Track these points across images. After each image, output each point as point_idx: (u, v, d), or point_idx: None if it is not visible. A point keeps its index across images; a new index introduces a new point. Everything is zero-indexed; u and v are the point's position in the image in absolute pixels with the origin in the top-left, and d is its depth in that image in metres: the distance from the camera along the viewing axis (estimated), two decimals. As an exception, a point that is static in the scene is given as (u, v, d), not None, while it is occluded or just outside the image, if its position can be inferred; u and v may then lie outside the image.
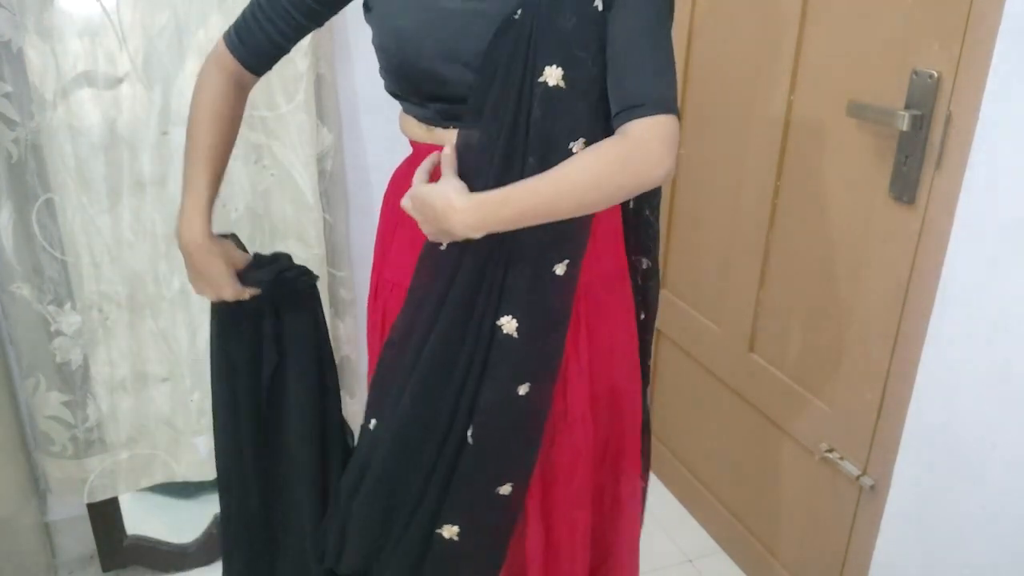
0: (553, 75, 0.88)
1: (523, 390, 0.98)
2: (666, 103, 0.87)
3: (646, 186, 0.88)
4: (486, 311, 0.95)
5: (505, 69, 0.88)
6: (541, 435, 1.03)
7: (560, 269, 0.95)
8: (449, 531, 1.03)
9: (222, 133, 1.02)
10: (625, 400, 1.15)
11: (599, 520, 1.19)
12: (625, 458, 1.18)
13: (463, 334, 0.96)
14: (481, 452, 1.00)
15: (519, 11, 0.87)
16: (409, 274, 1.00)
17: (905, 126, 1.16)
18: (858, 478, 1.37)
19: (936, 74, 1.13)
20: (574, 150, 0.90)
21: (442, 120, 0.97)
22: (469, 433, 0.99)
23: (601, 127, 0.91)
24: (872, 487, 1.35)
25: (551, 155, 0.89)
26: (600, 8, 0.88)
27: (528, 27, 0.87)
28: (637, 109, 0.87)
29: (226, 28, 1.04)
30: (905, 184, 1.20)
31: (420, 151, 1.02)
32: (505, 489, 1.02)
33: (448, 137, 0.95)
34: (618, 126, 0.88)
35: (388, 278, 1.09)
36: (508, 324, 0.95)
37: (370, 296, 1.17)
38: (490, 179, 0.89)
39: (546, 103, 0.88)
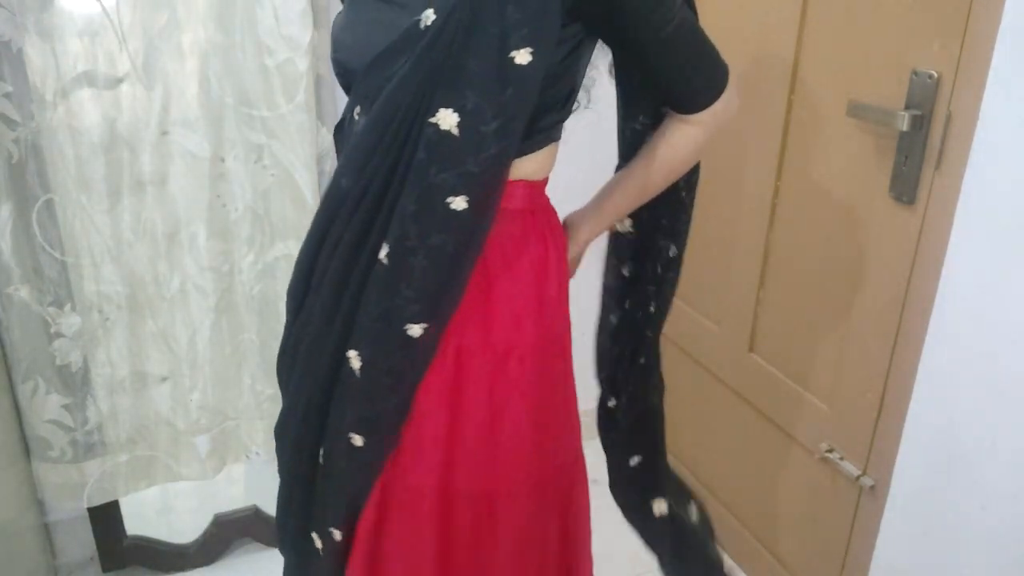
0: (446, 119, 0.81)
1: (357, 441, 0.93)
2: (721, 85, 0.96)
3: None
4: (338, 337, 0.92)
5: (398, 91, 0.84)
6: (366, 492, 0.97)
7: (415, 330, 0.89)
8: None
9: None
10: (501, 513, 0.97)
11: None
12: None
13: (320, 351, 0.94)
14: (323, 481, 1.00)
15: (426, 20, 0.82)
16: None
17: (905, 126, 1.16)
18: (858, 478, 1.37)
19: (936, 74, 1.13)
20: (452, 206, 0.84)
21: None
22: (320, 457, 0.99)
23: (492, 186, 0.86)
24: (872, 487, 1.35)
25: (426, 203, 0.84)
26: (521, 62, 0.80)
27: (433, 54, 0.81)
28: (699, 107, 0.97)
29: (225, 28, 1.05)
30: (905, 184, 1.20)
31: None
32: (336, 535, 1.00)
33: None
34: (679, 113, 0.97)
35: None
36: (354, 360, 0.91)
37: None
38: (363, 200, 0.87)
39: (431, 147, 0.83)
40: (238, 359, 1.64)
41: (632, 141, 1.07)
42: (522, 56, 0.80)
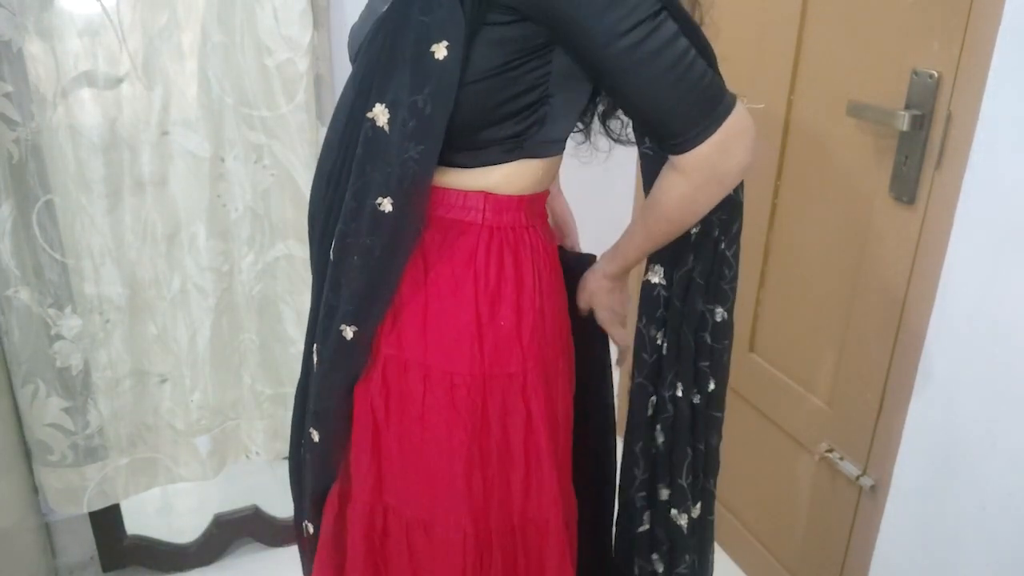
0: (380, 115, 0.79)
1: (315, 436, 0.97)
2: (705, 123, 0.79)
3: (731, 187, 0.89)
4: (312, 331, 0.97)
5: (349, 85, 0.86)
6: (325, 493, 1.00)
7: (348, 332, 0.88)
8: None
9: None
10: (438, 544, 0.93)
11: None
12: None
13: (309, 346, 0.99)
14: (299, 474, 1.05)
15: (382, 8, 0.82)
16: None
17: (905, 126, 1.16)
18: (858, 478, 1.37)
19: (936, 74, 1.13)
20: (380, 207, 0.81)
21: None
22: (314, 438, 1.00)
23: (416, 192, 0.82)
24: (872, 487, 1.35)
25: (360, 202, 0.82)
26: (439, 56, 0.76)
27: (378, 47, 0.80)
28: (676, 147, 0.81)
29: (226, 28, 1.06)
30: (905, 184, 1.20)
31: None
32: (310, 528, 1.04)
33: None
34: (663, 151, 0.84)
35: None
36: (316, 355, 0.96)
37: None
38: (326, 200, 0.90)
39: (366, 143, 0.81)
40: (238, 359, 1.64)
41: (644, 168, 0.98)
42: (440, 50, 0.76)
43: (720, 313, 0.98)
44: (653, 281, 1.00)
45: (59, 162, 1.39)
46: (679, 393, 1.00)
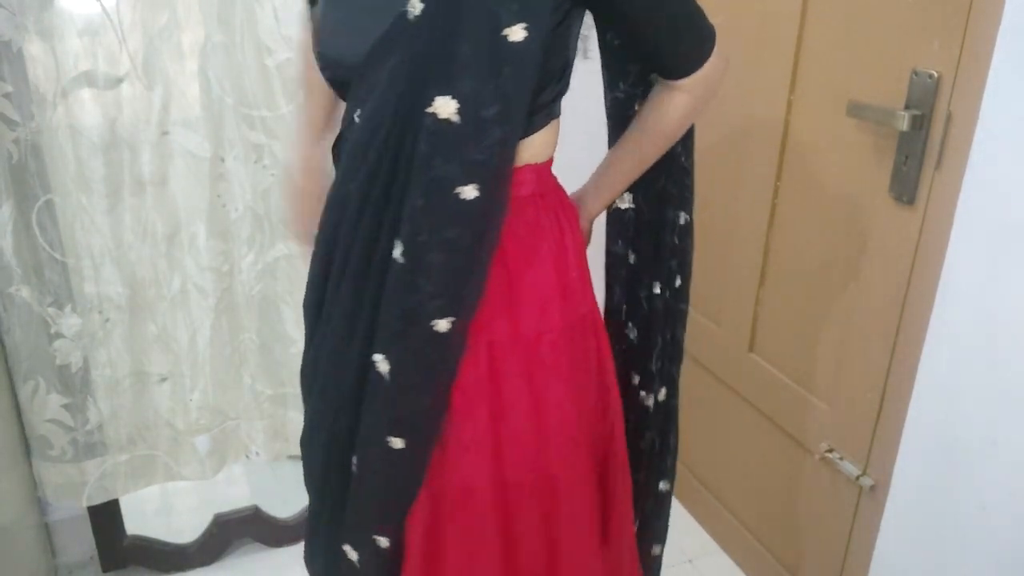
0: (444, 107, 0.79)
1: (397, 444, 0.91)
2: (707, 46, 0.92)
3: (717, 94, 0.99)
4: (362, 342, 0.90)
5: (391, 85, 0.82)
6: (412, 496, 0.95)
7: (443, 325, 0.87)
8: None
9: None
10: (562, 490, 0.98)
11: None
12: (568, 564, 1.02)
13: (343, 359, 0.93)
14: (359, 494, 0.97)
15: (413, 10, 0.80)
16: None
17: (905, 126, 1.16)
18: (858, 478, 1.37)
19: (936, 74, 1.13)
20: (461, 196, 0.82)
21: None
22: (354, 463, 0.95)
23: (501, 172, 0.85)
24: (872, 487, 1.35)
25: (435, 196, 0.82)
26: (515, 39, 0.78)
27: (422, 43, 0.80)
28: (688, 70, 0.93)
29: (226, 28, 1.05)
30: (905, 184, 1.20)
31: None
32: (383, 542, 0.98)
33: None
34: (666, 79, 0.95)
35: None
36: (381, 364, 0.89)
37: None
38: (367, 204, 0.87)
39: (434, 137, 0.80)
40: (238, 359, 1.64)
41: (614, 112, 1.06)
42: (516, 33, 0.78)
43: (684, 217, 1.10)
44: (623, 207, 1.10)
45: (59, 162, 1.39)
46: (656, 291, 1.12)
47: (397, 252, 0.85)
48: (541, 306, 0.94)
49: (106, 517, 1.69)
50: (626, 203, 1.10)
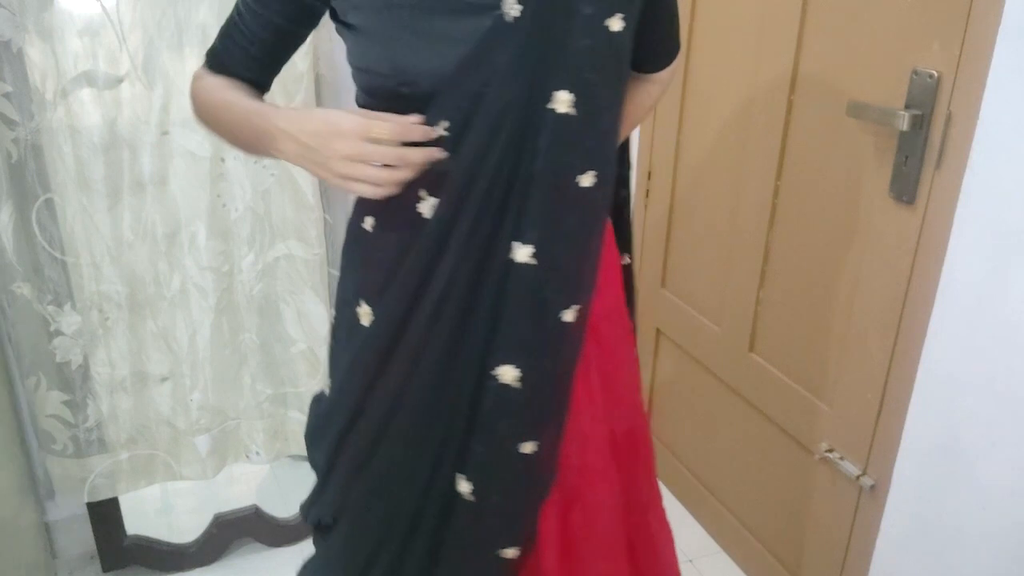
0: (564, 102, 0.82)
1: (528, 448, 0.90)
2: (678, 48, 1.05)
3: None
4: (476, 358, 0.87)
5: (504, 89, 0.81)
6: (546, 496, 0.95)
7: (569, 315, 0.89)
8: None
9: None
10: (639, 437, 1.07)
11: (636, 562, 1.09)
12: (649, 492, 1.11)
13: (447, 380, 0.88)
14: (480, 511, 0.91)
15: (511, 11, 0.80)
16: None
17: (905, 126, 1.16)
18: (858, 478, 1.36)
19: (936, 74, 1.13)
20: (581, 184, 0.85)
21: None
22: (468, 489, 0.91)
23: (609, 156, 0.88)
24: (872, 487, 1.35)
25: (559, 189, 0.84)
26: (616, 29, 0.83)
27: (529, 42, 0.80)
28: (669, 61, 1.05)
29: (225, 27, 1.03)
30: (905, 184, 1.20)
31: None
32: (510, 553, 0.94)
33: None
34: (648, 73, 1.03)
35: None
36: (508, 373, 0.87)
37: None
38: (485, 214, 0.83)
39: (556, 132, 0.82)
40: (238, 359, 1.64)
41: None
42: (615, 23, 0.83)
43: (627, 258, 1.16)
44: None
45: (59, 162, 1.39)
46: (626, 262, 1.17)
47: (524, 254, 0.85)
48: (606, 281, 0.99)
49: (106, 517, 1.69)
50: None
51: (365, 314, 0.93)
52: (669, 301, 1.91)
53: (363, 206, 0.94)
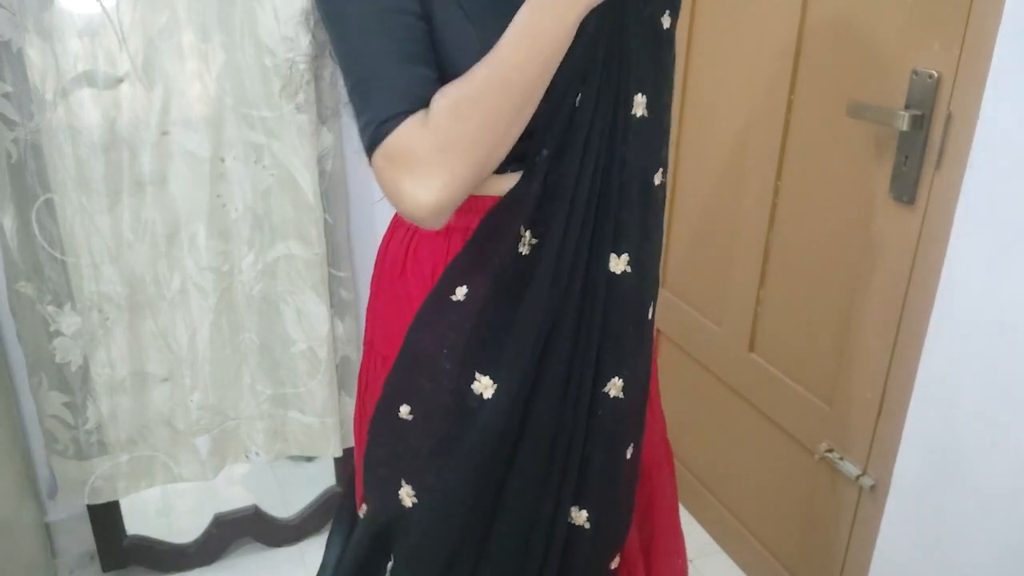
0: (640, 105, 0.82)
1: (629, 453, 0.92)
2: None
3: None
4: (588, 382, 0.86)
5: (596, 97, 0.78)
6: (634, 500, 0.98)
7: (651, 312, 0.92)
8: None
9: None
10: (659, 432, 1.11)
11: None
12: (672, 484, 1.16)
13: (565, 410, 0.86)
14: (595, 534, 0.91)
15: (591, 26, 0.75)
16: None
17: (905, 126, 1.16)
18: (858, 478, 1.36)
19: (936, 74, 1.13)
20: (656, 182, 0.86)
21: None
22: (584, 517, 0.91)
23: (666, 156, 0.89)
24: (872, 487, 1.35)
25: (644, 193, 0.84)
26: (667, 26, 0.83)
27: (615, 47, 0.78)
28: None
29: (226, 28, 1.01)
30: (905, 184, 1.20)
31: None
32: (615, 563, 0.96)
33: (506, 184, 0.81)
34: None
35: (379, 349, 0.95)
36: (615, 385, 0.88)
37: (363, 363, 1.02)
38: (588, 231, 0.81)
39: (637, 136, 0.82)
40: (238, 359, 1.64)
41: None
42: (666, 20, 0.83)
43: None
44: None
45: (58, 162, 1.39)
46: None
47: (621, 264, 0.84)
48: None
49: (106, 517, 1.69)
50: None
51: (486, 387, 0.84)
52: (669, 301, 1.91)
53: (456, 272, 0.84)
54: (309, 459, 1.98)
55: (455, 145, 0.70)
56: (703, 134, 1.73)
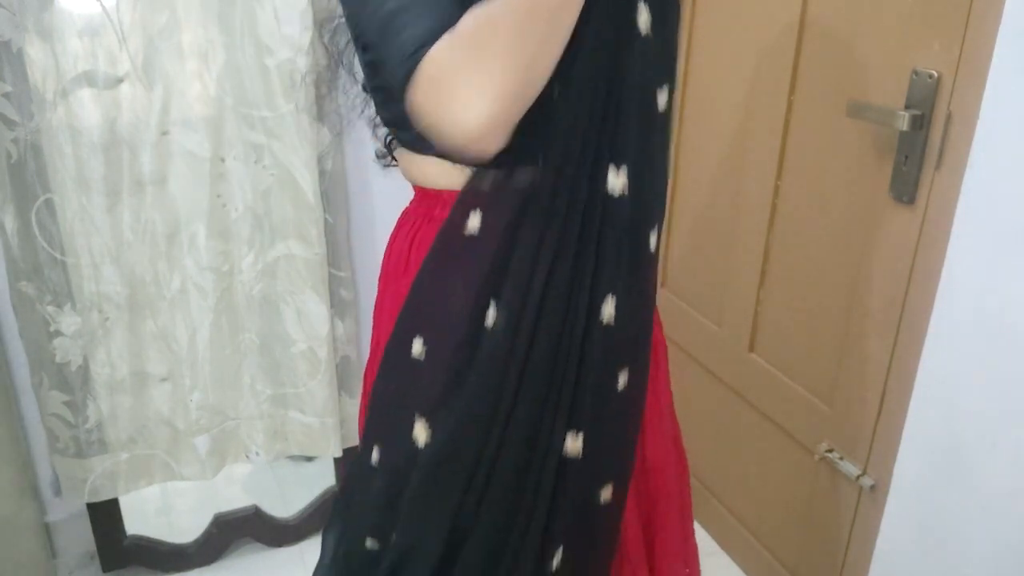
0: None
1: (621, 381, 0.89)
2: None
3: None
4: (584, 303, 0.84)
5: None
6: (639, 431, 0.95)
7: (653, 239, 0.89)
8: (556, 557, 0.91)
9: None
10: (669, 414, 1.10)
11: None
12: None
13: (562, 343, 0.85)
14: (587, 460, 0.89)
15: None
16: None
17: (905, 126, 1.16)
18: (858, 478, 1.36)
19: (936, 74, 1.13)
20: (659, 102, 0.84)
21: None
22: (580, 445, 0.89)
23: (675, 71, 0.89)
24: (872, 487, 1.35)
25: (645, 110, 0.82)
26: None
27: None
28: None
29: (226, 28, 1.01)
30: (905, 184, 1.20)
31: (449, 198, 0.86)
32: (606, 493, 0.93)
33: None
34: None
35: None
36: (607, 309, 0.85)
37: (370, 360, 1.00)
38: (589, 148, 0.80)
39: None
40: (238, 359, 1.64)
41: None
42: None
43: None
44: None
45: (58, 162, 1.39)
46: None
47: (619, 185, 0.82)
48: None
49: (106, 517, 1.69)
50: None
51: (491, 316, 0.83)
52: (669, 301, 1.91)
53: (466, 204, 0.84)
54: (309, 459, 1.98)
55: (491, 52, 0.68)
56: (703, 134, 1.73)
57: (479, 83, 0.67)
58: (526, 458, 0.87)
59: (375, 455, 0.93)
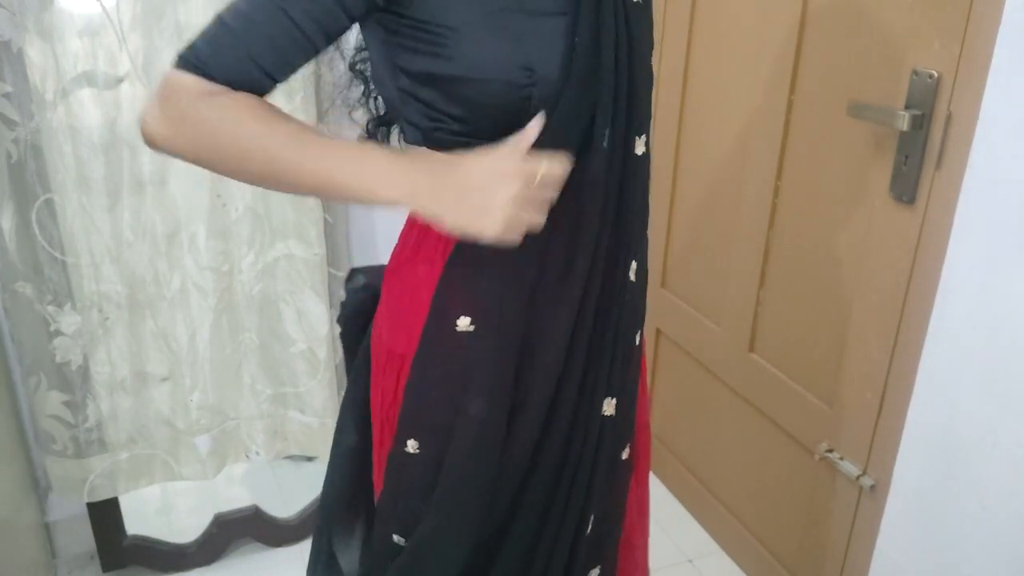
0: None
1: (636, 339, 0.97)
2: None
3: None
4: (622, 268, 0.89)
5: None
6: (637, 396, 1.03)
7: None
8: None
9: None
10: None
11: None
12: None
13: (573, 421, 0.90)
14: (616, 421, 0.95)
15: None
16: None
17: (905, 126, 1.16)
18: (858, 478, 1.37)
19: (936, 74, 1.13)
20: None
21: None
22: (613, 408, 0.94)
23: None
24: (872, 487, 1.35)
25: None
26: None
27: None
28: None
29: None
30: (905, 184, 1.20)
31: None
32: (625, 453, 1.03)
33: None
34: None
35: (386, 343, 0.94)
36: (633, 267, 0.90)
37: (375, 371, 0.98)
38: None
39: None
40: (238, 359, 1.64)
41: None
42: None
43: None
44: None
45: (58, 161, 1.39)
46: None
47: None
48: None
49: (106, 517, 1.69)
50: None
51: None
52: (669, 301, 1.91)
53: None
54: (309, 459, 1.98)
55: (191, 130, 0.75)
56: (703, 134, 1.73)
57: (167, 128, 0.75)
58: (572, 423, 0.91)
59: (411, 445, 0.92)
